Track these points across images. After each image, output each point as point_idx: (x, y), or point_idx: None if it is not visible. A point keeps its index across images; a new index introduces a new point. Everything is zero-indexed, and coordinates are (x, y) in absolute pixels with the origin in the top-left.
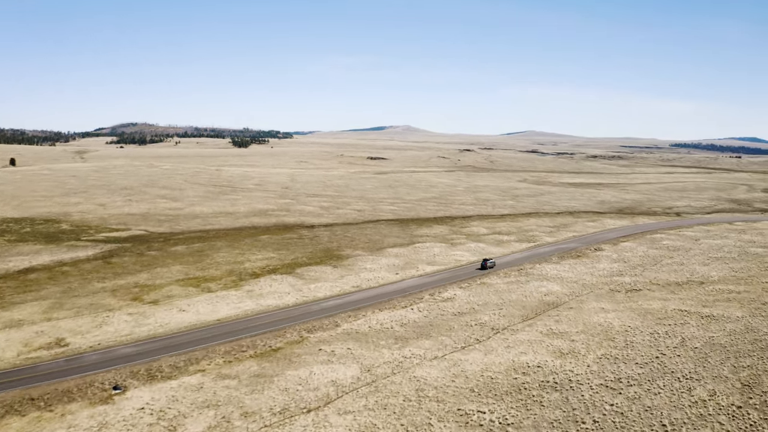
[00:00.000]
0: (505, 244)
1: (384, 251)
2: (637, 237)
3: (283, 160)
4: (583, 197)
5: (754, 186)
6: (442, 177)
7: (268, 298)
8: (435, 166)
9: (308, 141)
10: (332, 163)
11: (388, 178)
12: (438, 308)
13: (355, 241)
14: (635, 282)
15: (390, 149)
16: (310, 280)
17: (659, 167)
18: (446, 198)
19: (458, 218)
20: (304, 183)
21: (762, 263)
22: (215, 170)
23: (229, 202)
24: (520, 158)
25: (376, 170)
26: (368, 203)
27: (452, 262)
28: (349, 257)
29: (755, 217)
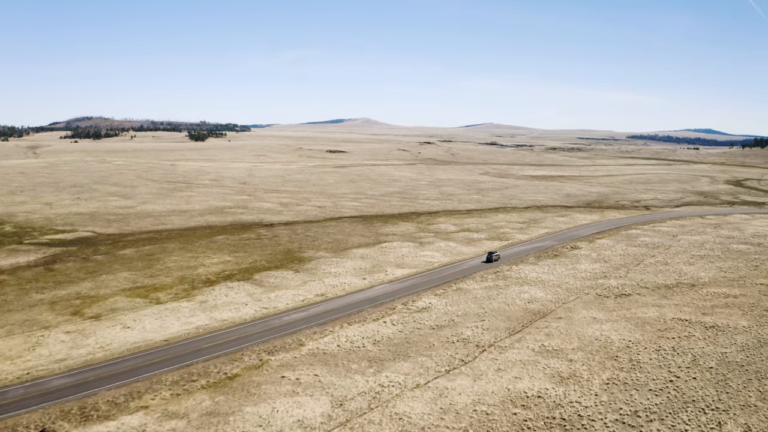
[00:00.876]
0: (476, 243)
1: (349, 252)
2: (612, 233)
3: (240, 153)
4: (548, 191)
5: (716, 178)
6: (403, 170)
7: (223, 311)
8: (395, 158)
9: (266, 134)
10: (291, 156)
11: (348, 172)
12: (413, 321)
13: (317, 241)
14: (622, 285)
15: (349, 142)
16: (270, 288)
17: (619, 159)
18: (410, 192)
19: (424, 214)
20: (263, 178)
21: (748, 262)
22: (170, 165)
23: (184, 200)
24: (480, 150)
25: (336, 164)
26: (330, 199)
27: (423, 264)
28: (312, 260)
29: (724, 210)
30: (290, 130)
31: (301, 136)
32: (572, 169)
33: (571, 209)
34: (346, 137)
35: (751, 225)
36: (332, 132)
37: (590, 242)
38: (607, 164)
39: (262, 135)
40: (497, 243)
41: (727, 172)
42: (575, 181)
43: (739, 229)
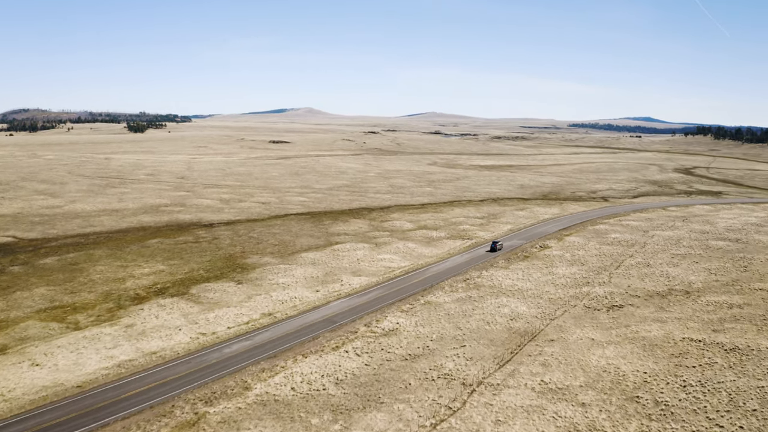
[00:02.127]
0: (436, 243)
1: (297, 257)
2: (579, 229)
3: (180, 145)
4: (501, 182)
5: (664, 166)
6: (349, 161)
7: (152, 339)
8: (340, 149)
9: (207, 125)
10: (233, 147)
11: (293, 163)
12: (381, 348)
13: (261, 243)
14: (610, 294)
15: (292, 132)
16: (209, 305)
17: (564, 147)
18: (359, 186)
19: (376, 210)
20: (202, 172)
21: (735, 261)
22: (104, 159)
23: (116, 197)
24: (426, 140)
25: (279, 155)
26: (274, 194)
27: (382, 271)
28: (256, 267)
29: (684, 200)
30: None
31: (243, 126)
32: (520, 158)
33: (529, 202)
34: (289, 127)
35: (720, 218)
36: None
37: (559, 240)
38: (554, 153)
39: (203, 126)
40: (459, 242)
41: (673, 160)
42: (525, 170)
43: (710, 223)
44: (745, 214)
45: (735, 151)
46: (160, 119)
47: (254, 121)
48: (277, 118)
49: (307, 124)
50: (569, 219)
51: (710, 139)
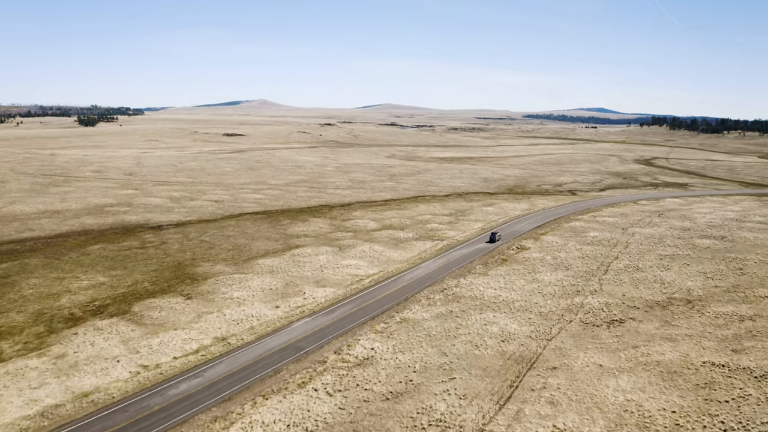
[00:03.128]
0: (405, 245)
1: (254, 264)
2: (553, 227)
3: (132, 138)
4: (464, 175)
5: (624, 157)
6: (306, 154)
7: (85, 374)
8: (296, 141)
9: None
10: (185, 141)
11: (248, 158)
12: (356, 384)
13: (214, 248)
14: (606, 306)
15: (247, 124)
16: (153, 328)
17: (522, 139)
18: (317, 181)
19: (337, 207)
20: (152, 167)
21: (728, 263)
22: (49, 155)
23: (59, 197)
24: (382, 132)
25: (233, 148)
26: (228, 191)
27: (348, 280)
28: (208, 277)
29: (652, 193)
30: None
31: (197, 119)
32: (479, 150)
33: (495, 197)
34: (244, 119)
35: (696, 212)
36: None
37: (536, 240)
38: (513, 144)
39: (155, 119)
40: (429, 244)
41: (632, 150)
42: (486, 163)
43: (688, 218)
44: (720, 208)
45: (691, 141)
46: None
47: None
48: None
49: (261, 116)
50: (541, 216)
51: (666, 129)
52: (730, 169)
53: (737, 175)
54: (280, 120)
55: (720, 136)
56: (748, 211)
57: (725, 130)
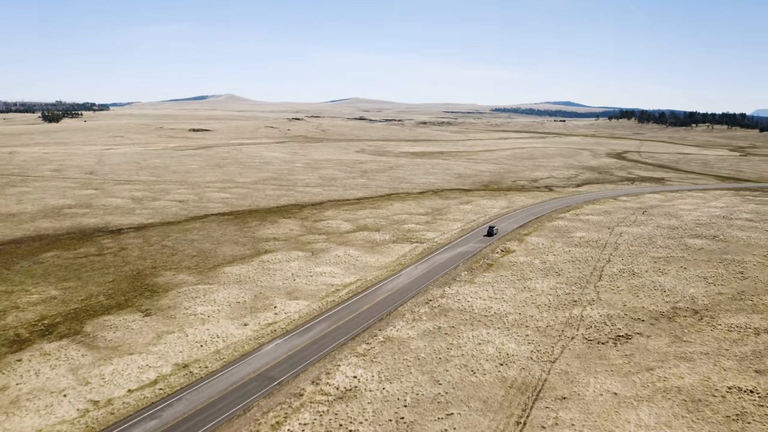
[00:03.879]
0: (382, 249)
1: (220, 273)
2: (536, 226)
3: (96, 135)
4: (437, 170)
5: (596, 151)
6: (274, 150)
7: (26, 414)
8: (264, 136)
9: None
10: (151, 137)
11: (214, 154)
12: (339, 425)
13: (177, 254)
14: (608, 318)
15: (214, 119)
16: (106, 353)
17: (492, 133)
18: (286, 178)
19: (307, 206)
20: (114, 165)
21: (726, 266)
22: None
23: (15, 198)
24: (351, 126)
25: (200, 144)
26: (193, 190)
27: (323, 290)
28: (170, 289)
29: (630, 189)
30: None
31: (163, 114)
32: (449, 144)
33: (471, 194)
34: (211, 114)
35: (680, 209)
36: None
37: (520, 241)
38: (482, 138)
39: (121, 114)
40: (407, 247)
41: (602, 144)
42: (458, 157)
43: (674, 216)
44: (703, 204)
45: (660, 134)
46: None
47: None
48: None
49: (228, 111)
50: (522, 214)
51: (634, 122)
52: (704, 163)
53: (711, 169)
54: (248, 115)
55: (689, 129)
56: (733, 207)
57: (694, 123)
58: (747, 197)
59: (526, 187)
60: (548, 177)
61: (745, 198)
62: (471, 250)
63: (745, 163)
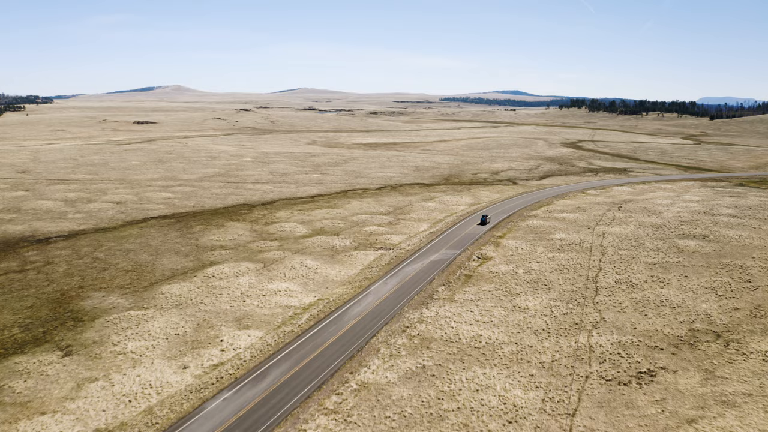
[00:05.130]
0: (344, 258)
1: (157, 293)
2: (510, 227)
3: (37, 129)
4: (393, 163)
5: (551, 140)
6: (222, 143)
7: None
8: (211, 128)
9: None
10: (93, 130)
11: (157, 148)
12: None
13: (109, 269)
14: (621, 346)
15: (160, 111)
16: (12, 414)
17: (443, 122)
18: (234, 174)
19: (258, 206)
20: (50, 163)
21: (730, 273)
22: None
23: None
24: (301, 117)
25: (144, 137)
26: (133, 189)
27: (278, 314)
28: (97, 317)
29: (595, 181)
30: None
31: (108, 106)
32: (402, 134)
33: (433, 189)
34: (157, 106)
35: (656, 204)
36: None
37: (496, 246)
38: (435, 128)
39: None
40: (372, 255)
41: (555, 133)
42: (413, 148)
43: (653, 212)
44: (676, 198)
45: (611, 123)
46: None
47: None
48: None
49: (175, 103)
50: (491, 212)
51: (585, 111)
52: (662, 152)
53: (670, 158)
54: (195, 106)
55: (639, 118)
56: (710, 201)
57: (644, 112)
58: (717, 189)
59: (489, 181)
60: (509, 169)
61: (716, 190)
62: (444, 258)
63: (703, 152)
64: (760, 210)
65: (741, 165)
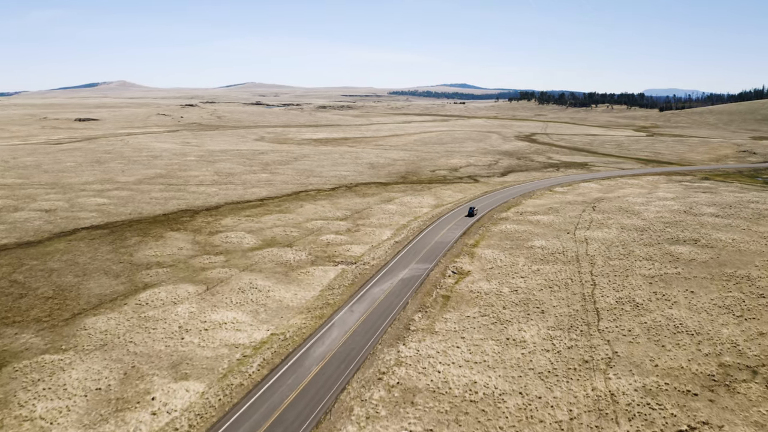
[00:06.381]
0: (299, 275)
1: (79, 327)
2: (482, 233)
3: None
4: (346, 160)
5: (504, 134)
6: (165, 140)
7: None
8: (155, 125)
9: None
10: (33, 128)
11: (96, 147)
12: None
13: (26, 296)
14: (648, 393)
15: (104, 108)
16: None
17: (393, 116)
18: (176, 175)
19: (201, 212)
20: None
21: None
22: None
23: None
24: (249, 112)
25: (85, 135)
26: (65, 194)
27: (224, 357)
28: (4, 364)
29: (560, 177)
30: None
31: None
32: (352, 129)
33: (391, 188)
34: (101, 102)
35: (632, 203)
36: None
37: (471, 256)
38: (386, 122)
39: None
40: (332, 272)
41: (507, 126)
42: (365, 144)
43: (632, 212)
44: (648, 194)
45: (561, 115)
46: None
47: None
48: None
49: (120, 99)
50: (459, 215)
51: (534, 104)
52: (618, 145)
53: (628, 151)
54: (140, 102)
55: (589, 110)
56: (686, 199)
57: (593, 104)
58: (685, 184)
59: (449, 178)
60: (467, 165)
61: (685, 185)
62: (416, 275)
63: (659, 145)
64: (741, 208)
65: (700, 157)
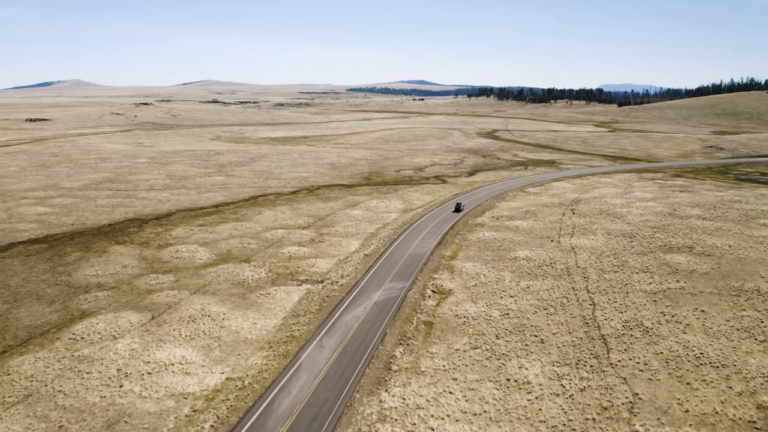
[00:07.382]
0: (258, 297)
1: (3, 371)
2: (459, 242)
3: None
4: (306, 160)
5: (466, 131)
6: (117, 141)
7: None
8: (108, 124)
9: None
10: None
11: (44, 149)
12: None
13: None
14: None
15: (57, 107)
16: None
17: (352, 113)
18: (126, 179)
19: (150, 221)
20: None
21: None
22: None
23: None
24: (205, 110)
25: (34, 136)
26: (4, 203)
27: (170, 413)
28: None
29: (529, 176)
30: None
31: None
32: (311, 127)
33: (355, 190)
34: (54, 101)
35: (611, 205)
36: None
37: (450, 271)
38: (345, 120)
39: None
40: (295, 293)
41: (468, 123)
42: (325, 142)
43: (615, 216)
44: (625, 194)
45: (521, 111)
46: None
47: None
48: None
49: (74, 98)
50: (431, 221)
51: (494, 100)
52: (582, 141)
53: (593, 148)
54: (94, 101)
55: (548, 106)
56: (664, 199)
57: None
58: (659, 182)
59: (415, 179)
60: (432, 164)
61: (659, 183)
62: (392, 296)
63: (624, 140)
64: (726, 209)
65: (667, 153)
